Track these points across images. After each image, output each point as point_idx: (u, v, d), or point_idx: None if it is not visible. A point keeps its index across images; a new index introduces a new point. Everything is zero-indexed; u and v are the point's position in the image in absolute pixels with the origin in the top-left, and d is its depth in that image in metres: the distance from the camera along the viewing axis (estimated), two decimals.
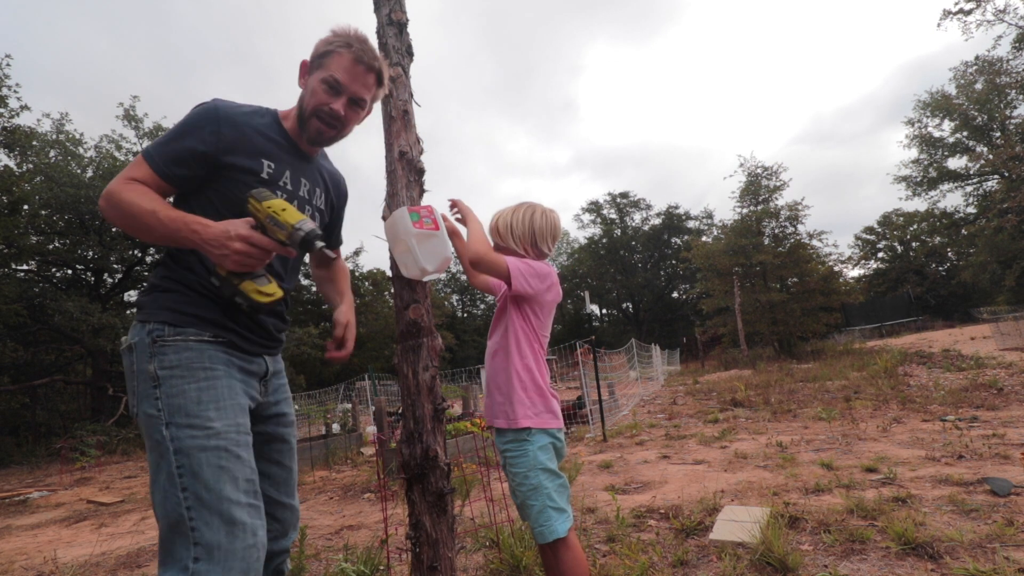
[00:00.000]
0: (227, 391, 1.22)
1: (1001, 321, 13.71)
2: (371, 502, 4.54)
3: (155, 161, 1.24)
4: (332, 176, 1.63)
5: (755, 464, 4.39)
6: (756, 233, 21.13)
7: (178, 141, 1.25)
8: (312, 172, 1.51)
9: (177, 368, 1.18)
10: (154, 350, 1.19)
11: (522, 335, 1.75)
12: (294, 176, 1.42)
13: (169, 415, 1.14)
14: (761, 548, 2.34)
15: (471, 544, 2.95)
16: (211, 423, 1.15)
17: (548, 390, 1.75)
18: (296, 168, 1.44)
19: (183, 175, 1.27)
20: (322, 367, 26.37)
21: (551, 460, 1.70)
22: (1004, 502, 2.82)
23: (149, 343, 1.20)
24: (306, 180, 1.47)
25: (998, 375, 8.21)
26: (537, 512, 1.64)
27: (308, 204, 1.48)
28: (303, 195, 1.45)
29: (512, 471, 1.70)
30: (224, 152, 1.28)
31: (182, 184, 1.29)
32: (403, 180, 1.83)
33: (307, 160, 1.49)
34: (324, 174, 1.57)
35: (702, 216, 46.00)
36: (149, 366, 1.18)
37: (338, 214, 1.69)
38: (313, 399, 17.61)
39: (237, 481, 1.14)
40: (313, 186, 1.50)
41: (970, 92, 25.64)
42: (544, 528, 1.62)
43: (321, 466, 6.80)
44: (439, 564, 1.64)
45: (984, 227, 24.08)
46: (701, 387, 12.47)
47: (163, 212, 1.17)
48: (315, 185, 1.51)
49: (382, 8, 1.94)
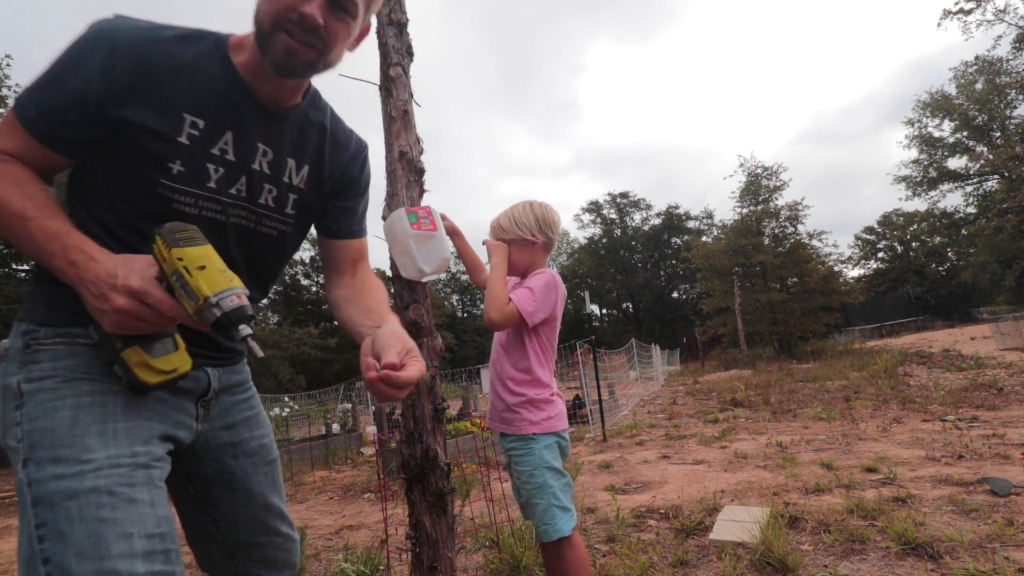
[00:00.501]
0: (122, 410, 0.83)
1: (1001, 321, 13.72)
2: (371, 502, 4.54)
3: (28, 116, 0.81)
4: (334, 138, 1.07)
5: (755, 464, 4.39)
6: (756, 233, 21.14)
7: (59, 82, 0.81)
8: (283, 132, 0.98)
9: (48, 380, 0.81)
10: (25, 357, 0.83)
11: (536, 343, 1.77)
12: (243, 139, 0.92)
13: (29, 448, 0.77)
14: (761, 548, 2.34)
15: (471, 544, 2.95)
16: (88, 455, 0.76)
17: (554, 392, 1.76)
18: (249, 127, 0.93)
19: (70, 138, 0.83)
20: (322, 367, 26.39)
21: (556, 459, 1.71)
22: (1004, 502, 2.82)
23: (21, 348, 0.84)
24: (268, 146, 0.95)
25: (998, 375, 8.21)
26: (542, 511, 1.64)
27: (271, 184, 0.97)
28: (259, 169, 0.95)
29: (517, 469, 1.70)
30: (118, 101, 0.82)
31: (74, 152, 0.85)
32: (403, 180, 1.83)
33: (271, 114, 0.95)
34: (312, 134, 1.03)
35: (702, 216, 46.07)
36: (13, 379, 0.82)
37: (345, 198, 1.13)
38: (313, 399, 17.62)
39: (130, 538, 0.73)
40: (282, 155, 0.98)
41: (970, 92, 25.65)
42: (548, 527, 1.63)
43: (321, 466, 6.80)
44: (439, 564, 1.64)
45: (984, 227, 24.08)
46: (701, 387, 12.47)
47: (37, 221, 0.78)
48: (287, 153, 0.99)
49: (382, 8, 1.94)
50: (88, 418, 0.79)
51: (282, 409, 11.34)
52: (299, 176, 1.02)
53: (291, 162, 1.00)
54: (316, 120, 1.03)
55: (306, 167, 1.03)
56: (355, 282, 1.14)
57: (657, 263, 47.88)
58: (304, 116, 1.01)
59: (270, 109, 0.95)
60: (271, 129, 0.96)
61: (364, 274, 1.16)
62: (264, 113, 0.95)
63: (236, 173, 0.93)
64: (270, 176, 0.97)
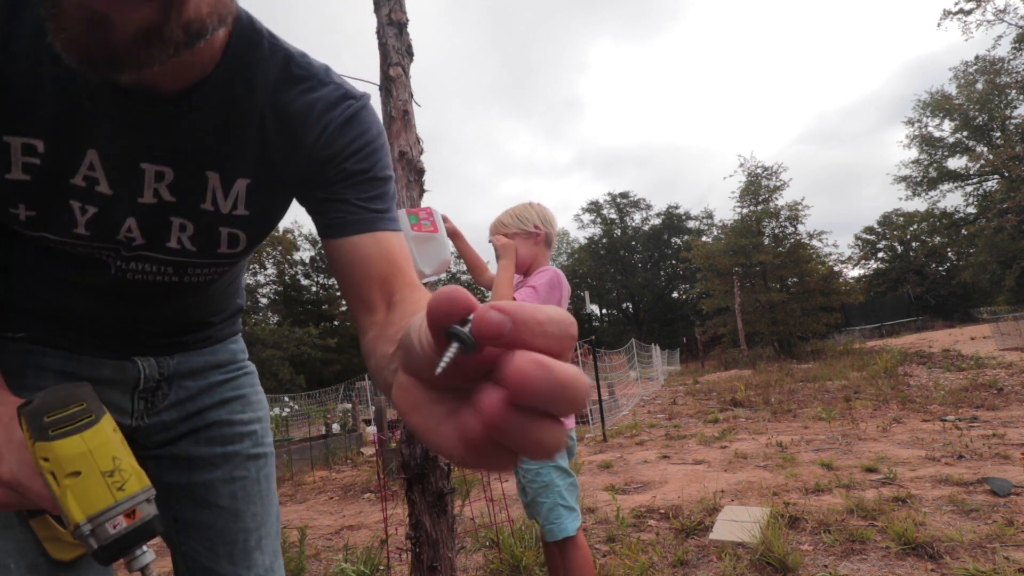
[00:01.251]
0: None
1: (1001, 321, 13.72)
2: (371, 502, 4.54)
3: None
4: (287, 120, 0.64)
5: (755, 464, 4.39)
6: (756, 233, 21.16)
7: None
8: (185, 134, 0.60)
9: None
10: None
11: None
12: (115, 158, 0.59)
13: None
14: (761, 548, 2.34)
15: (471, 544, 2.96)
16: None
17: None
18: (122, 137, 0.58)
19: None
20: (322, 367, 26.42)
21: (563, 458, 1.72)
22: (1004, 502, 2.82)
23: None
24: (160, 162, 0.60)
25: (998, 375, 8.21)
26: (547, 510, 1.64)
27: (183, 218, 0.65)
28: (156, 201, 0.62)
29: (523, 468, 1.70)
30: None
31: None
32: (403, 180, 1.83)
33: (155, 110, 0.57)
34: (245, 123, 0.62)
35: (702, 216, 46.09)
36: None
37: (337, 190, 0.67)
38: (313, 399, 17.63)
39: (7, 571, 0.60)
40: (190, 171, 0.62)
41: (970, 92, 25.67)
42: (554, 526, 1.63)
43: (321, 466, 6.80)
44: (439, 564, 1.64)
45: (984, 227, 24.09)
46: (701, 387, 12.47)
47: None
48: (201, 165, 0.62)
49: (382, 8, 1.95)
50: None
51: (282, 409, 11.35)
52: (230, 198, 0.65)
53: (212, 178, 0.63)
54: (247, 98, 0.61)
55: (242, 181, 0.65)
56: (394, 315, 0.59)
57: (657, 263, 47.89)
58: (222, 96, 0.59)
59: (152, 101, 0.56)
60: (160, 134, 0.59)
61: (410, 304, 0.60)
62: (142, 111, 0.56)
63: (115, 212, 0.61)
64: (177, 207, 0.64)
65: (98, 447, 0.54)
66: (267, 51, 0.61)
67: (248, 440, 0.88)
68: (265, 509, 0.88)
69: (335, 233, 0.66)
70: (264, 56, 0.61)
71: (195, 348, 0.85)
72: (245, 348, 0.96)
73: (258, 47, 0.60)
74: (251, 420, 0.90)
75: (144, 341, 0.79)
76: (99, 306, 0.72)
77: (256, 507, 0.86)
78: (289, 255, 31.40)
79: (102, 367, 0.76)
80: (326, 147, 0.65)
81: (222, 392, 0.88)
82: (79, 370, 0.75)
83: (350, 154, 0.66)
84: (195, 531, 0.83)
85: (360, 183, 0.67)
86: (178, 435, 0.83)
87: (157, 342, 0.81)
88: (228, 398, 0.88)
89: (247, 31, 0.59)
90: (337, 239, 0.65)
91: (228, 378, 0.90)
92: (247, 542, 0.84)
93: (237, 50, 0.59)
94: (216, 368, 0.88)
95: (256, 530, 0.86)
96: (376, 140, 0.69)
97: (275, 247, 29.10)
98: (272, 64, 0.62)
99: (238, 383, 0.91)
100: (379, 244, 0.65)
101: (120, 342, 0.77)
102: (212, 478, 0.83)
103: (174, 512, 0.83)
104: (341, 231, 0.65)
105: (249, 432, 0.89)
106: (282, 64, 0.63)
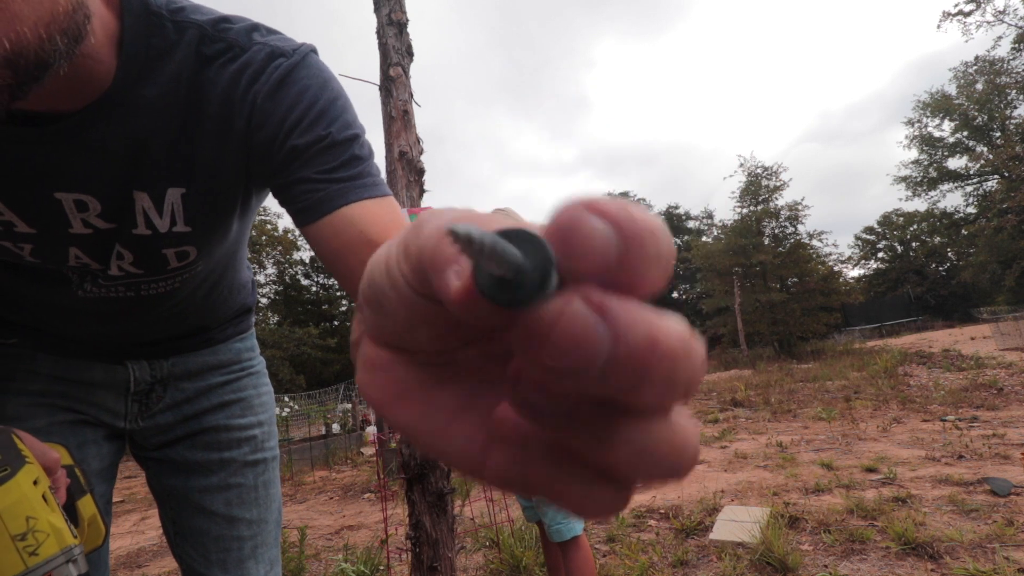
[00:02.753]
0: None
1: (1001, 321, 13.72)
2: (371, 502, 4.54)
3: None
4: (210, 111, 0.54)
5: (755, 464, 4.39)
6: (756, 233, 21.17)
7: None
8: (95, 153, 0.52)
9: None
10: None
11: None
12: (22, 191, 0.52)
13: None
14: (761, 548, 2.34)
15: (471, 544, 2.96)
16: None
17: None
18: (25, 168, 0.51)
19: None
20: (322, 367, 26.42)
21: None
22: (1004, 502, 2.82)
23: None
24: (77, 190, 0.54)
25: (998, 375, 8.21)
26: (556, 510, 1.64)
27: (120, 246, 0.59)
28: (88, 231, 0.57)
29: None
30: None
31: None
32: (403, 180, 1.84)
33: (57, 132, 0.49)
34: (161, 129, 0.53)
35: (702, 216, 46.09)
36: None
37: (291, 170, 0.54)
38: (313, 399, 17.64)
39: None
40: (112, 194, 0.55)
41: (970, 92, 25.68)
42: (562, 526, 1.63)
43: (321, 466, 6.80)
44: (439, 564, 1.64)
45: (984, 227, 24.10)
46: (701, 387, 12.42)
47: None
48: (124, 186, 0.55)
49: (382, 8, 1.95)
50: None
51: (282, 409, 11.35)
52: (165, 216, 0.58)
53: (140, 198, 0.56)
54: (159, 98, 0.51)
55: (174, 192, 0.57)
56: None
57: None
58: (129, 102, 0.51)
59: (48, 125, 0.49)
60: (66, 160, 0.51)
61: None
62: (38, 137, 0.49)
63: (53, 245, 0.56)
64: (118, 232, 0.58)
65: (9, 507, 0.47)
66: (172, 34, 0.51)
67: (247, 446, 0.84)
68: (262, 517, 0.84)
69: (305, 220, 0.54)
70: (170, 41, 0.51)
71: (192, 350, 0.81)
72: (255, 346, 0.91)
73: (159, 32, 0.50)
74: (251, 425, 0.85)
75: (130, 349, 0.76)
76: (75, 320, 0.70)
77: (252, 515, 0.82)
78: (289, 255, 31.38)
79: (93, 370, 0.74)
80: (260, 127, 0.54)
81: (221, 395, 0.83)
82: (69, 373, 0.73)
83: (291, 127, 0.53)
84: (190, 537, 0.80)
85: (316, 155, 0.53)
86: (175, 438, 0.80)
87: (146, 349, 0.77)
88: (227, 401, 0.84)
89: (141, 18, 0.49)
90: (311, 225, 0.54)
91: (229, 379, 0.85)
92: (241, 550, 0.81)
93: (134, 45, 0.49)
94: (216, 369, 0.84)
95: (251, 539, 0.82)
96: (322, 98, 0.55)
97: (275, 247, 29.10)
98: (181, 47, 0.51)
99: (239, 385, 0.86)
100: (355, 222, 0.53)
101: (107, 351, 0.75)
102: (207, 484, 0.80)
103: (173, 516, 0.82)
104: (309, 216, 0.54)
105: (248, 437, 0.84)
106: (195, 42, 0.52)
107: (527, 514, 1.90)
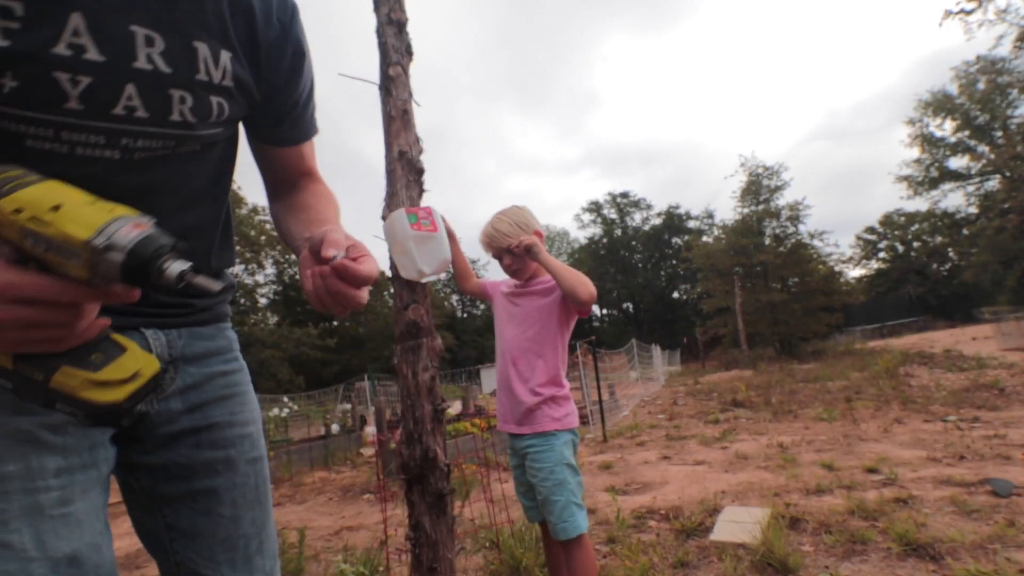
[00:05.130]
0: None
1: (1003, 321, 13.70)
2: (371, 503, 4.53)
3: None
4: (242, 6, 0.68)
5: (756, 465, 4.38)
6: (757, 233, 21.16)
7: None
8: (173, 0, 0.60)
9: None
10: None
11: (560, 341, 1.80)
12: (104, 22, 0.56)
13: None
14: (762, 549, 2.34)
15: (471, 545, 2.95)
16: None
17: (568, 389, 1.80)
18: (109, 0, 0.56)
19: None
20: (321, 367, 26.42)
21: (573, 456, 1.72)
22: (1006, 503, 2.81)
23: None
24: (151, 27, 0.59)
25: (1000, 375, 8.19)
26: (561, 508, 1.64)
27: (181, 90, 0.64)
28: (151, 67, 0.60)
29: (536, 467, 1.70)
30: None
31: None
32: (403, 180, 1.83)
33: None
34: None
35: (703, 216, 46.08)
36: None
37: (285, 80, 0.77)
38: (312, 399, 17.64)
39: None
40: (180, 38, 0.62)
41: (971, 92, 25.65)
42: (567, 524, 1.62)
43: (320, 467, 6.80)
44: (439, 565, 1.64)
45: (985, 227, 24.09)
46: (702, 387, 12.46)
47: None
48: (190, 33, 0.63)
49: (382, 7, 1.94)
50: None
51: (281, 410, 11.34)
52: (219, 68, 0.66)
53: (202, 48, 0.63)
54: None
55: (225, 53, 0.66)
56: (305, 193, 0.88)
57: (657, 263, 47.88)
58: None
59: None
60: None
61: (316, 184, 0.90)
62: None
63: (112, 80, 0.58)
64: (173, 77, 0.61)
65: (63, 188, 0.49)
66: None
67: (247, 443, 0.85)
68: (264, 512, 0.86)
69: (278, 144, 0.85)
70: None
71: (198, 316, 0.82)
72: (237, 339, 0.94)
73: None
74: (248, 421, 0.87)
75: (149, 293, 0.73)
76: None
77: (255, 512, 0.84)
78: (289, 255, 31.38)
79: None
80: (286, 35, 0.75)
81: (222, 386, 0.85)
82: None
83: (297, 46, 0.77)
84: (192, 540, 0.79)
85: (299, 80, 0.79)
86: (181, 430, 0.79)
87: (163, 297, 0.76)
88: (227, 395, 0.85)
89: None
90: (280, 148, 0.85)
91: (226, 370, 0.86)
92: (248, 548, 0.82)
93: None
94: (216, 356, 0.85)
95: (256, 535, 0.83)
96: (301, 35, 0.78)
97: (274, 247, 29.10)
98: None
99: (235, 379, 0.87)
100: (302, 151, 0.87)
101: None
102: (215, 485, 0.80)
103: (167, 521, 0.80)
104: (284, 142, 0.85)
105: (247, 434, 0.86)
106: None
107: (528, 514, 1.89)
